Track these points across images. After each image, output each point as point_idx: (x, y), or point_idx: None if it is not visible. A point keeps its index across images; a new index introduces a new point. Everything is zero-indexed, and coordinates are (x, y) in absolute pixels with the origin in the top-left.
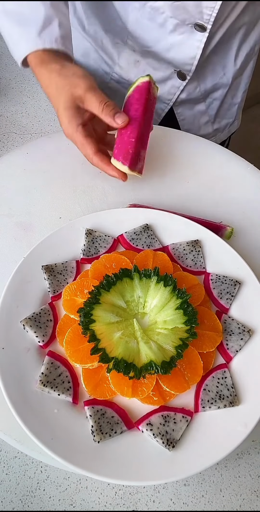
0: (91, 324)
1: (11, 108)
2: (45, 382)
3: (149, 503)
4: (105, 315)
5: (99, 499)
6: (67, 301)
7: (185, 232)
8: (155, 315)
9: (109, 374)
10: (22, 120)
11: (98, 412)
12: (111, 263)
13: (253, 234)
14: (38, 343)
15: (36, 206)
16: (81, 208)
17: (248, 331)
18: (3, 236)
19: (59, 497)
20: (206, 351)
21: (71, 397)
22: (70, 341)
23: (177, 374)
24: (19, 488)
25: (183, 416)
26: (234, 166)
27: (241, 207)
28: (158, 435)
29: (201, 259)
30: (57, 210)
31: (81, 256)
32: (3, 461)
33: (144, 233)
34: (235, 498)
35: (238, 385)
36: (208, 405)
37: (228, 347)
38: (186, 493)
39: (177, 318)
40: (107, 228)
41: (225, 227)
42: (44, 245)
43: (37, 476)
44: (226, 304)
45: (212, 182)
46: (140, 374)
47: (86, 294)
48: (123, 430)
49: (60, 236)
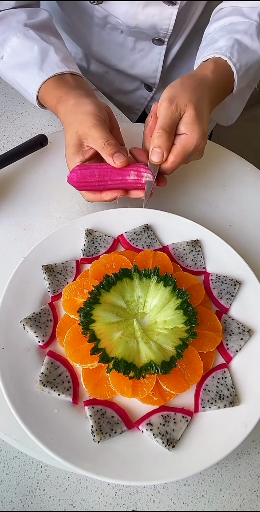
0: (91, 324)
1: (11, 108)
2: (45, 382)
3: (149, 503)
4: (105, 315)
5: (99, 499)
6: (67, 301)
7: (185, 232)
8: (155, 315)
9: (109, 374)
10: (22, 120)
11: (98, 412)
12: (111, 263)
13: (253, 234)
14: (38, 343)
15: (36, 206)
16: (81, 208)
17: (248, 331)
18: (3, 236)
19: (59, 497)
20: (206, 351)
21: (71, 397)
22: (70, 341)
23: (177, 374)
24: (19, 488)
25: (183, 416)
26: (234, 166)
27: (241, 207)
28: (158, 435)
29: (201, 259)
30: (57, 210)
31: (81, 256)
32: (3, 461)
33: (144, 233)
34: (235, 498)
35: (238, 385)
36: (208, 405)
37: (228, 347)
38: (186, 493)
39: (177, 318)
40: (107, 228)
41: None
42: (44, 245)
43: (37, 476)
44: (226, 304)
45: (211, 182)
46: (140, 374)
47: (86, 294)
48: (123, 430)
49: (60, 236)
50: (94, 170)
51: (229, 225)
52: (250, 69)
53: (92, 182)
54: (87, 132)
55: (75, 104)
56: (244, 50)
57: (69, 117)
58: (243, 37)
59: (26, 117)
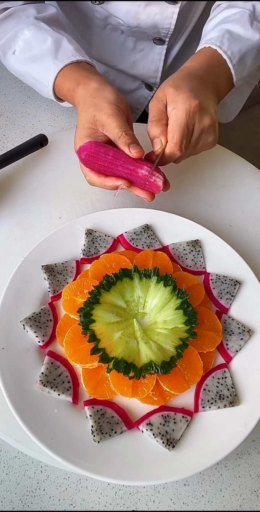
0: (91, 324)
1: (11, 108)
2: (45, 382)
3: (149, 503)
4: (105, 315)
5: (99, 499)
6: (67, 301)
7: (185, 232)
8: (155, 315)
9: (109, 374)
10: (22, 120)
11: (98, 412)
12: (111, 263)
13: (253, 234)
14: (38, 343)
15: (36, 206)
16: (81, 208)
17: (248, 331)
18: (3, 236)
19: (59, 497)
20: (206, 351)
21: (71, 397)
22: (70, 341)
23: (177, 374)
24: (19, 488)
25: (183, 416)
26: (234, 166)
27: (241, 206)
28: (158, 435)
29: (201, 259)
30: (57, 210)
31: (81, 256)
32: (3, 461)
33: (144, 233)
34: (235, 498)
35: (238, 385)
36: (208, 405)
37: (228, 347)
38: (186, 493)
39: (177, 318)
40: (107, 228)
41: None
42: (44, 245)
43: (37, 476)
44: (226, 304)
45: (211, 182)
46: (140, 374)
47: (86, 294)
48: (123, 430)
49: (60, 236)
50: (109, 150)
51: (229, 225)
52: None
53: (102, 161)
54: (105, 120)
55: (97, 89)
56: (236, 39)
57: (88, 99)
58: (234, 27)
59: (26, 117)
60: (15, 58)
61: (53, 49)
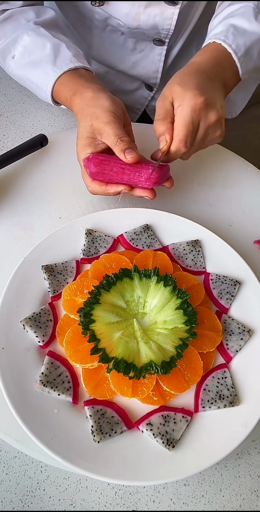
0: (91, 324)
1: (11, 108)
2: (45, 382)
3: (149, 503)
4: (105, 315)
5: (99, 499)
6: (67, 301)
7: (185, 232)
8: (155, 315)
9: (109, 374)
10: (22, 120)
11: (98, 412)
12: (111, 263)
13: (253, 234)
14: (38, 343)
15: (36, 206)
16: (81, 208)
17: (248, 331)
18: (3, 236)
19: (59, 497)
20: (206, 351)
21: (71, 397)
22: (70, 341)
23: (177, 374)
24: (19, 488)
25: (183, 416)
26: (234, 166)
27: (241, 206)
28: (158, 435)
29: (201, 259)
30: (57, 210)
31: (81, 256)
32: (3, 461)
33: (144, 233)
34: (235, 498)
35: (238, 385)
36: (208, 405)
37: (228, 347)
38: (186, 493)
39: (177, 318)
40: (107, 228)
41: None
42: (44, 245)
43: (37, 476)
44: (226, 304)
45: (211, 182)
46: (140, 374)
47: (86, 294)
48: (123, 430)
49: (60, 236)
50: (115, 160)
51: (229, 225)
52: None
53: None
54: (102, 128)
55: (92, 98)
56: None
57: (85, 109)
58: (239, 21)
59: (26, 117)
60: (15, 62)
61: (52, 55)
